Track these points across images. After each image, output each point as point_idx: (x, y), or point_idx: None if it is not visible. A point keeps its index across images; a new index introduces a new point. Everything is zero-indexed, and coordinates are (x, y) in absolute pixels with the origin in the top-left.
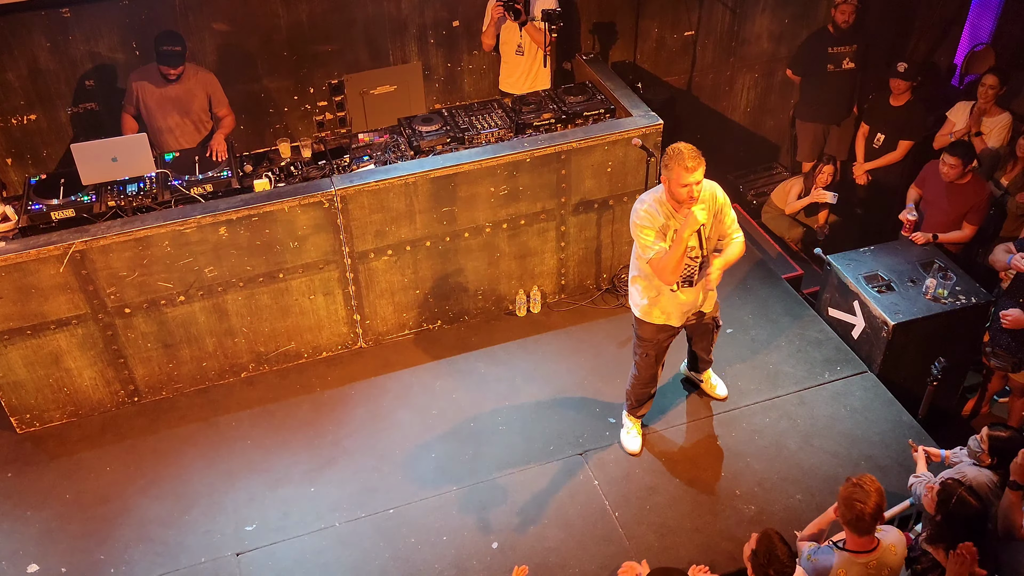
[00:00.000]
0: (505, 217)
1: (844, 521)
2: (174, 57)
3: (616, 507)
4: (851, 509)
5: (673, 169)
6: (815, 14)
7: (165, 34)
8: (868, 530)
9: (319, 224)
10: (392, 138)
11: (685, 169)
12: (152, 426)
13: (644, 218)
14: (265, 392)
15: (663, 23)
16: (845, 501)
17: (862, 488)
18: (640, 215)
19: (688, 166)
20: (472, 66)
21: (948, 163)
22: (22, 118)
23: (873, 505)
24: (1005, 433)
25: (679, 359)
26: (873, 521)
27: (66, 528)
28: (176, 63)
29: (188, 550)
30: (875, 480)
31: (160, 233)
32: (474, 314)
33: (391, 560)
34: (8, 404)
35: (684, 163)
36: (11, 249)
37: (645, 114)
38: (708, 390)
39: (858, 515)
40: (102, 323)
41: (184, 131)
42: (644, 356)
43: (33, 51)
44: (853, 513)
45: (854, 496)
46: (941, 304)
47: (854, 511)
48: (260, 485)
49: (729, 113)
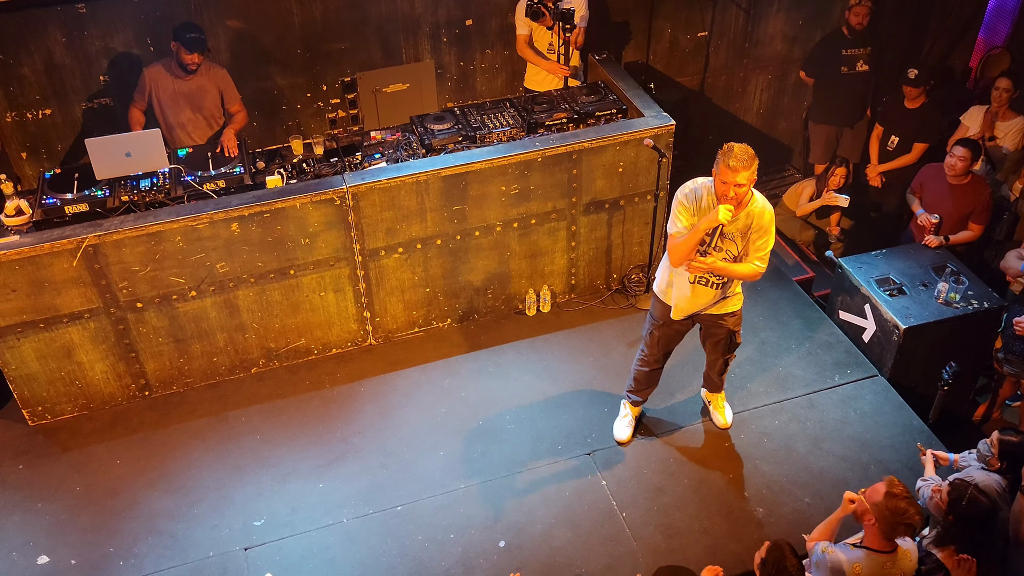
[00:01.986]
0: (516, 216)
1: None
2: (197, 42)
3: (624, 507)
4: (900, 516)
5: (719, 163)
6: (829, 16)
7: (186, 24)
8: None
9: (330, 221)
10: (404, 136)
11: (727, 167)
12: (162, 420)
13: (688, 196)
14: (275, 388)
15: (676, 24)
16: (894, 512)
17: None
18: (685, 191)
19: (730, 164)
20: (485, 65)
21: (958, 155)
22: (37, 113)
23: (916, 513)
24: (1016, 438)
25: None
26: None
27: (76, 520)
28: (199, 48)
29: (196, 544)
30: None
31: (172, 228)
32: (484, 313)
33: (398, 557)
34: (20, 396)
35: (728, 160)
36: (25, 243)
37: (657, 115)
38: (713, 413)
39: (904, 523)
40: (114, 317)
41: (196, 126)
42: (650, 335)
43: (49, 46)
44: (900, 520)
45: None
46: (953, 308)
47: (902, 518)
48: (269, 480)
49: (742, 115)
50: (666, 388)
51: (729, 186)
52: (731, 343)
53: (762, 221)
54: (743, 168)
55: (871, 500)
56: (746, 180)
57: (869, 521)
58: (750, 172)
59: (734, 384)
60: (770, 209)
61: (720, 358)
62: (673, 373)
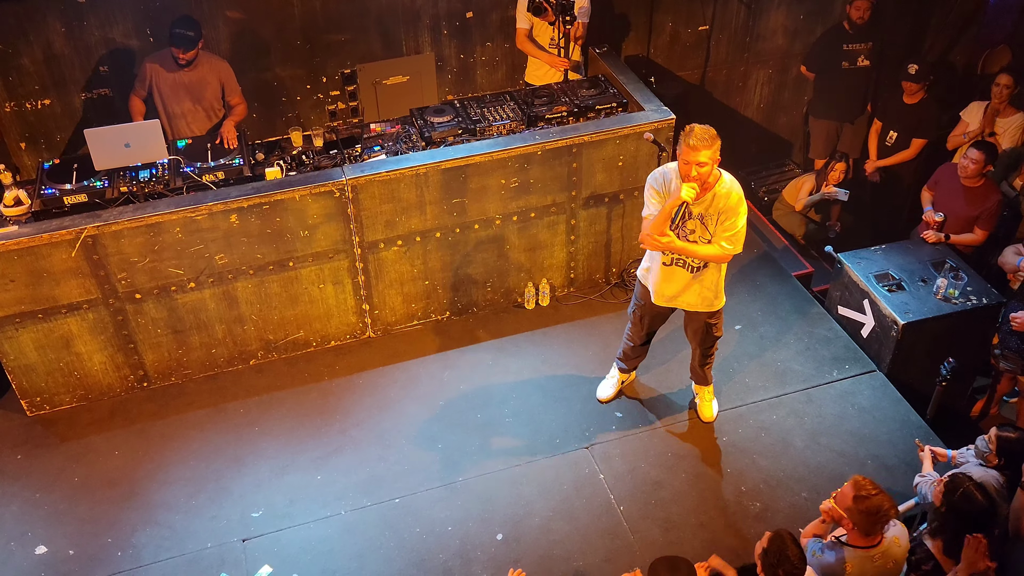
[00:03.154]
0: (515, 209)
1: (863, 527)
2: (186, 40)
3: (621, 501)
4: (875, 514)
5: (681, 143)
6: (831, 10)
7: (182, 18)
8: (875, 531)
9: (330, 213)
10: (404, 129)
11: (688, 146)
12: (161, 411)
13: (657, 179)
14: (273, 380)
15: (677, 17)
16: (868, 512)
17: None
18: (655, 175)
19: (691, 144)
20: (485, 58)
21: (971, 157)
22: (36, 103)
23: (891, 506)
24: (1014, 434)
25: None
26: (884, 522)
27: (74, 511)
28: (187, 47)
29: (194, 535)
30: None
31: (171, 219)
32: (483, 306)
33: (396, 549)
34: (19, 387)
35: (688, 140)
36: (24, 233)
37: (657, 109)
38: (698, 405)
39: (882, 519)
40: (113, 308)
41: (196, 118)
42: (634, 313)
43: (48, 36)
44: (877, 518)
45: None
46: (952, 304)
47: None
48: (267, 472)
49: (742, 109)
50: (665, 382)
51: (691, 165)
52: (708, 334)
53: (729, 202)
54: (704, 147)
55: (842, 506)
56: (708, 159)
57: (847, 526)
58: (712, 151)
59: (732, 378)
60: (738, 190)
61: (698, 348)
62: (672, 367)
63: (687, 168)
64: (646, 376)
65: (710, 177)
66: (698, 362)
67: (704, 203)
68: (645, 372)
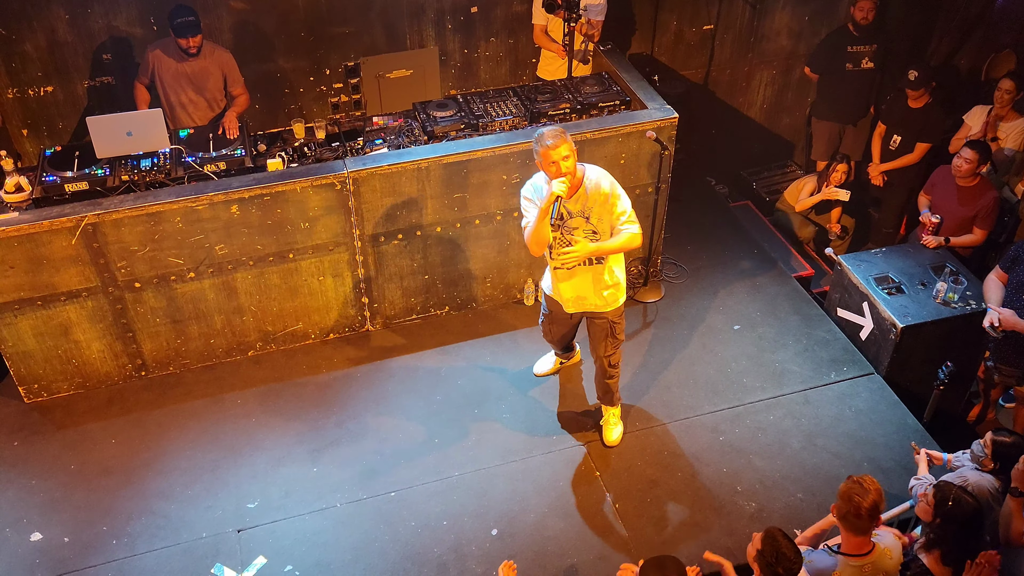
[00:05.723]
0: (516, 205)
1: (840, 516)
2: (191, 27)
3: (617, 499)
4: (848, 502)
5: (537, 152)
6: (835, 12)
7: (177, 7)
8: (864, 529)
9: (330, 206)
10: (406, 122)
11: (546, 148)
12: (158, 401)
13: (528, 190)
14: (271, 371)
15: (682, 16)
16: (844, 495)
17: (862, 485)
18: (525, 187)
19: (547, 145)
20: (489, 53)
21: (965, 156)
22: (39, 89)
23: (870, 502)
24: (1009, 439)
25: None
26: (870, 519)
27: (70, 498)
28: (193, 31)
29: (189, 524)
30: (876, 481)
31: (172, 209)
32: (482, 301)
33: (391, 543)
34: (17, 374)
35: (543, 143)
36: (24, 220)
37: (660, 107)
38: (602, 428)
39: (855, 509)
40: (112, 296)
41: (198, 108)
42: (542, 324)
43: (52, 23)
44: (850, 507)
45: (853, 491)
46: (951, 308)
47: (851, 504)
48: (263, 463)
49: (745, 109)
50: (661, 381)
51: (556, 163)
52: (612, 337)
53: (602, 190)
54: (559, 142)
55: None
56: (569, 151)
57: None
58: (568, 144)
59: (730, 378)
60: (605, 176)
61: (603, 357)
62: (669, 367)
63: (554, 167)
64: (644, 375)
65: (576, 171)
66: (603, 373)
67: (579, 199)
68: (643, 371)
